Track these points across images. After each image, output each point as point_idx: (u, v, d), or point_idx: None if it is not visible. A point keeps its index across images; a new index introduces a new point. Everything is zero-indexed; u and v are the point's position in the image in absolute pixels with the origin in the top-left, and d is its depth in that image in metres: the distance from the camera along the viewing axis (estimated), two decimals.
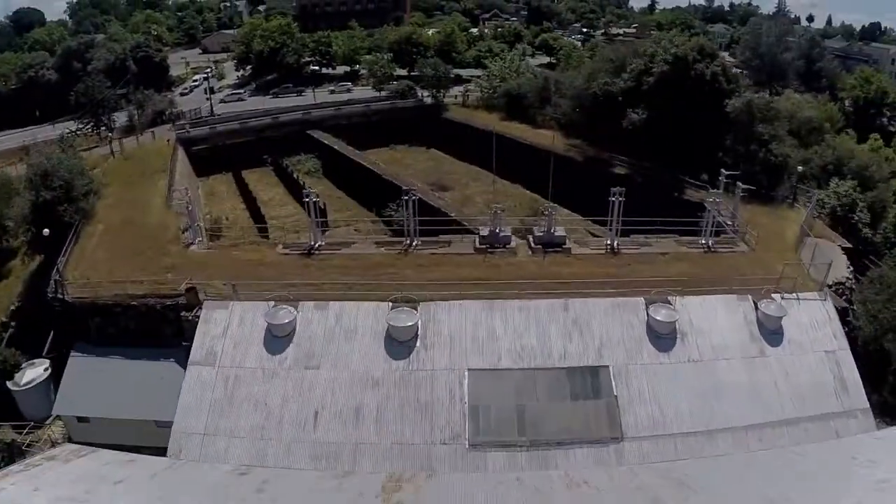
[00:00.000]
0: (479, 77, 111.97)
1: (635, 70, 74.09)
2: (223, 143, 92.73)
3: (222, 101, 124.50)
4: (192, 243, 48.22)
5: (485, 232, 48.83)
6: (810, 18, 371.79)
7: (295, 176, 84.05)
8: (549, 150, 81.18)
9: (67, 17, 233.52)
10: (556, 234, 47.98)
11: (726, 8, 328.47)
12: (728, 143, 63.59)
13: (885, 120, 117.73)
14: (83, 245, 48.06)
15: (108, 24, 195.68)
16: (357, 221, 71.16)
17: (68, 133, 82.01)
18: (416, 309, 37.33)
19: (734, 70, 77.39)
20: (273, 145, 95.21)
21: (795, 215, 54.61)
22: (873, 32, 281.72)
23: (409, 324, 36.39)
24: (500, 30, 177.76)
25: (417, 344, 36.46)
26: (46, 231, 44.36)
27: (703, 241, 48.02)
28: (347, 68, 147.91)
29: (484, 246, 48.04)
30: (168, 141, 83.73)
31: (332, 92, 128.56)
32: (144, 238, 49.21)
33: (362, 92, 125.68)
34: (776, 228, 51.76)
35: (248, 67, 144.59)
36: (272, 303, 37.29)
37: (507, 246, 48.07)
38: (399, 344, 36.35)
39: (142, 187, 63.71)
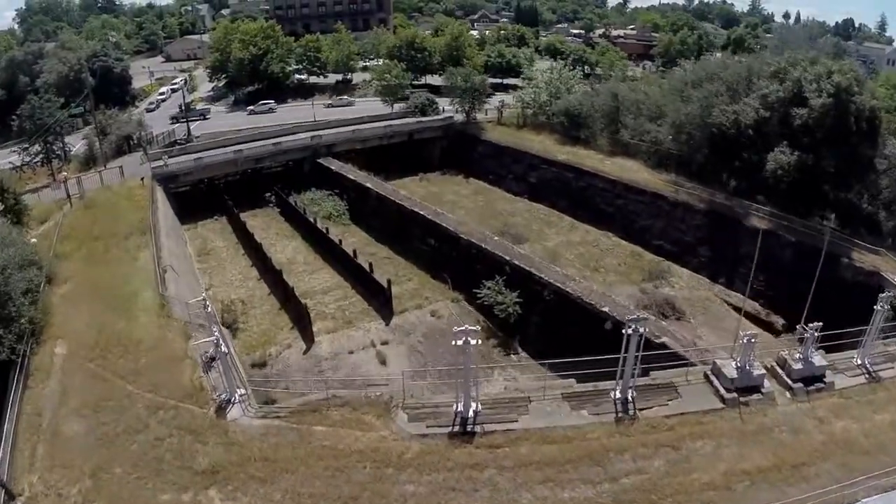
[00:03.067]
0: (519, 88, 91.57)
1: (774, 99, 56.86)
2: (213, 179, 71.00)
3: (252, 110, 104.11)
4: (228, 403, 27.15)
5: (731, 371, 29.38)
6: (786, 15, 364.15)
7: (313, 220, 63.11)
8: (645, 190, 63.33)
9: (16, 26, 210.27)
10: (816, 362, 31.66)
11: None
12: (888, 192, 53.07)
13: None
14: (35, 404, 27.60)
15: (60, 32, 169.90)
16: (427, 299, 50.36)
17: (10, 168, 60.14)
18: None
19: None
20: (276, 178, 74.03)
21: None
22: (847, 29, 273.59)
23: None
24: (503, 32, 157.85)
25: None
26: None
27: None
28: (340, 77, 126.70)
29: (733, 395, 28.66)
30: (142, 180, 61.96)
31: (330, 106, 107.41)
32: (142, 390, 28.65)
33: (366, 106, 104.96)
34: None
35: (223, 77, 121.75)
36: None
37: (762, 390, 29.92)
38: None
39: (116, 264, 42.96)
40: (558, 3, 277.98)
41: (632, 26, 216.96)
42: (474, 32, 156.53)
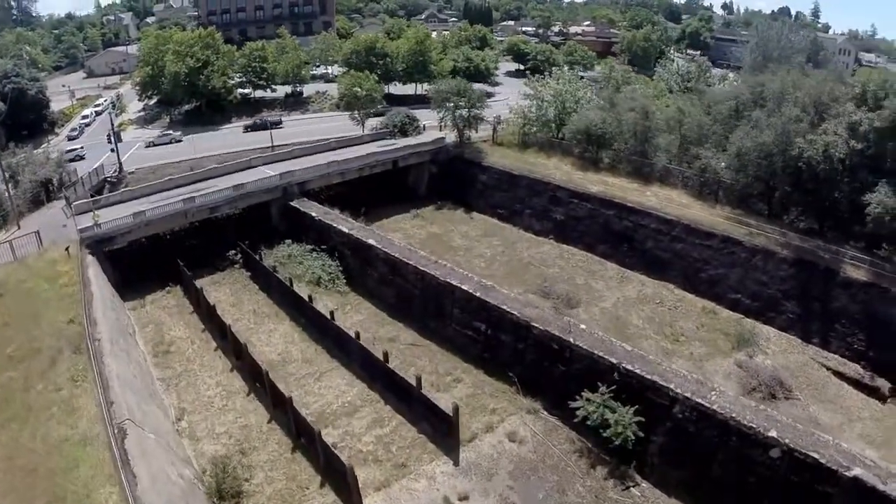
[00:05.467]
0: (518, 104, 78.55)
1: (868, 128, 48.10)
2: (158, 237, 55.06)
3: (151, 142, 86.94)
4: None
5: None
6: (724, 6, 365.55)
7: (289, 284, 48.45)
8: (713, 232, 52.44)
9: None
10: None
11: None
12: None
13: None
14: None
15: None
16: (494, 412, 36.57)
17: None
18: None
19: None
20: (239, 228, 58.34)
21: None
22: (783, 17, 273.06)
23: None
24: (464, 34, 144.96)
25: None
26: None
27: None
28: (289, 90, 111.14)
29: None
30: (67, 250, 46.10)
31: (250, 129, 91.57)
32: None
33: (320, 126, 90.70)
34: None
35: (155, 94, 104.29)
36: None
37: None
38: None
39: (41, 421, 28.58)
40: (499, 1, 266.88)
41: (587, 22, 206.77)
42: (433, 34, 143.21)
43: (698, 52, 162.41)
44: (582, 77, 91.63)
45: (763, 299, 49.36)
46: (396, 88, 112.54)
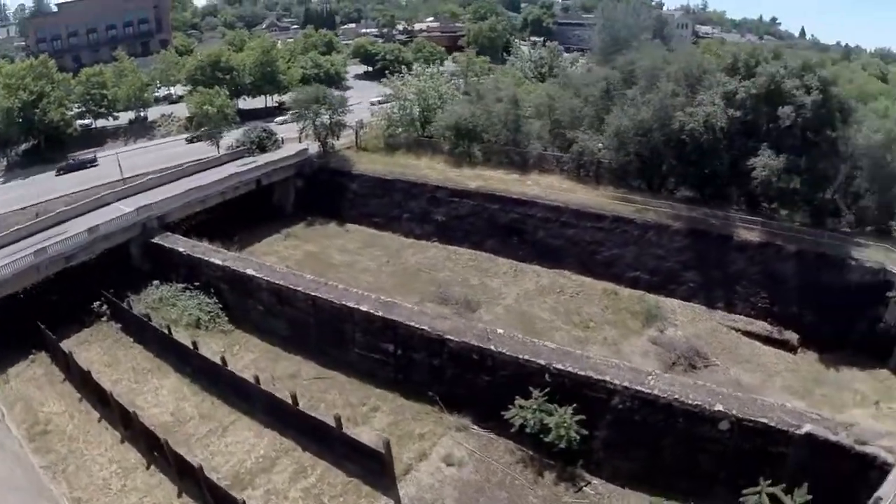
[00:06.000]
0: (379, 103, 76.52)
1: (745, 96, 49.99)
2: (11, 298, 47.90)
3: None
4: None
5: None
6: None
7: (173, 335, 43.77)
8: (602, 214, 52.66)
9: None
10: None
11: None
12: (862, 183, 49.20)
13: None
14: None
15: None
16: (422, 437, 34.26)
17: None
18: None
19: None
20: (100, 276, 51.81)
21: None
22: None
23: None
24: (310, 39, 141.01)
25: None
26: None
27: None
28: (132, 115, 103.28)
29: None
30: None
31: (62, 171, 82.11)
32: None
33: (177, 148, 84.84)
34: None
35: None
36: None
37: None
38: None
39: None
40: (338, 4, 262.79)
41: (431, 18, 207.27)
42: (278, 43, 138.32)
43: (542, 39, 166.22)
44: (443, 72, 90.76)
45: (662, 273, 50.33)
46: (246, 103, 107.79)
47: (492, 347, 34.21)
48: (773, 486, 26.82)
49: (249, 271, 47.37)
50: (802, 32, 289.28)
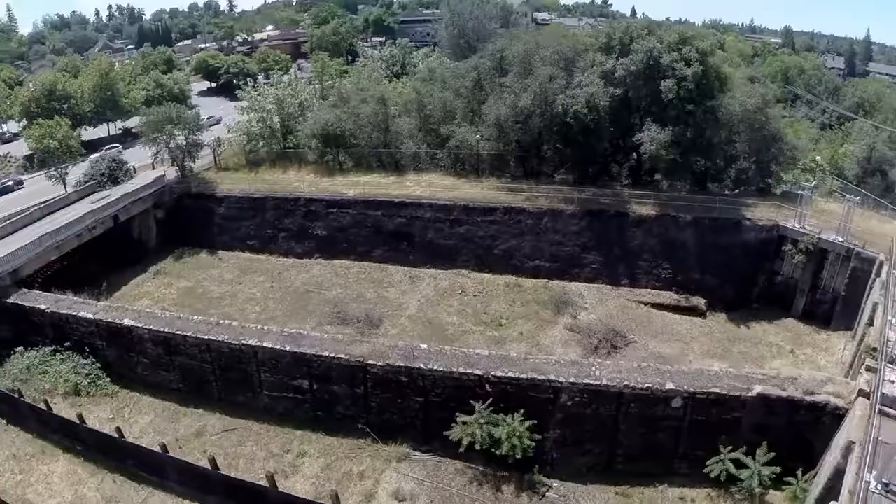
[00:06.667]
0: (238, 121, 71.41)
1: (624, 73, 50.67)
2: None
3: None
4: None
5: None
6: None
7: (53, 408, 37.49)
8: (493, 207, 51.66)
9: None
10: None
11: None
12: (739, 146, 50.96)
13: None
14: None
15: None
16: (363, 477, 30.95)
17: None
18: None
19: None
20: None
21: None
22: None
23: None
24: (150, 58, 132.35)
25: None
26: None
27: None
28: None
29: None
30: None
31: None
32: None
33: (19, 191, 75.90)
34: None
35: None
36: None
37: None
38: None
39: None
40: (172, 21, 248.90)
41: (270, 27, 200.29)
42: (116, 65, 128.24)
43: (383, 38, 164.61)
44: (301, 78, 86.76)
45: (563, 258, 49.77)
46: (88, 133, 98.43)
47: (420, 366, 31.43)
48: (735, 451, 27.23)
49: (127, 321, 41.42)
50: (633, 12, 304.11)
